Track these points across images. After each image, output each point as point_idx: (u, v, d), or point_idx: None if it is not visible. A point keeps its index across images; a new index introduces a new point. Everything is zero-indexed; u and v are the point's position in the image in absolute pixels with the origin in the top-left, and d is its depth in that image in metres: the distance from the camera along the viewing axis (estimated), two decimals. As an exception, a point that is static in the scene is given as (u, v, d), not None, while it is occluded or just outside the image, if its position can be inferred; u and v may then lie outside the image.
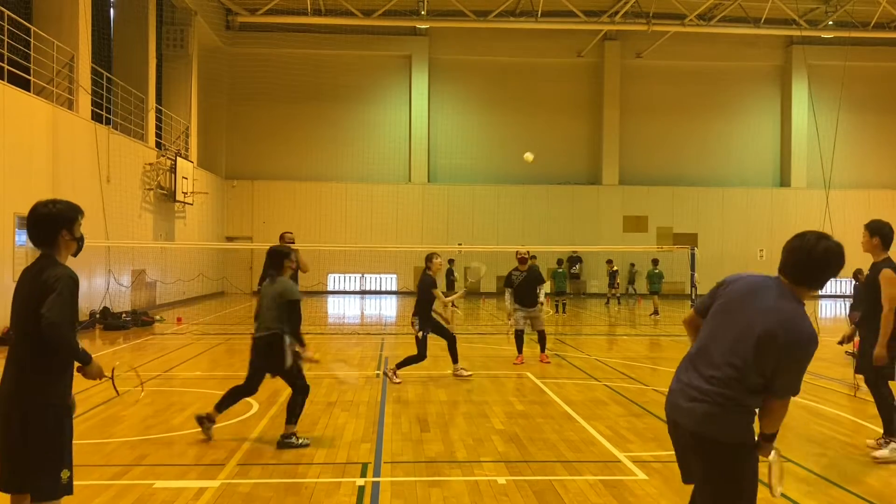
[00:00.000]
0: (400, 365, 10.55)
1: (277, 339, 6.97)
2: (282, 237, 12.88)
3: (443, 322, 11.01)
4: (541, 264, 30.36)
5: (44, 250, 4.09)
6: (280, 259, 7.30)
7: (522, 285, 12.24)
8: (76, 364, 4.05)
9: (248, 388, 7.27)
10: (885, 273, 6.72)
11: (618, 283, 28.11)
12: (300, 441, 6.97)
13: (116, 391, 4.50)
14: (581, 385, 10.54)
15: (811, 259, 3.47)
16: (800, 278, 3.51)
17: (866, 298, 7.05)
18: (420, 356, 10.50)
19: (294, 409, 7.00)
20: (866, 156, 33.51)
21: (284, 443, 6.92)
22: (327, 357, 12.49)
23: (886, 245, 6.90)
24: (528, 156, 12.48)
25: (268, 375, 7.23)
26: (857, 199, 32.54)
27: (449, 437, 7.45)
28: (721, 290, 3.64)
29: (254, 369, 7.21)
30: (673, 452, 3.74)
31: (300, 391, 7.04)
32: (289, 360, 6.94)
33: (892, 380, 6.93)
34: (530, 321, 12.34)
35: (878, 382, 6.89)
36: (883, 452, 6.79)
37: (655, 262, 23.67)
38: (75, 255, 4.21)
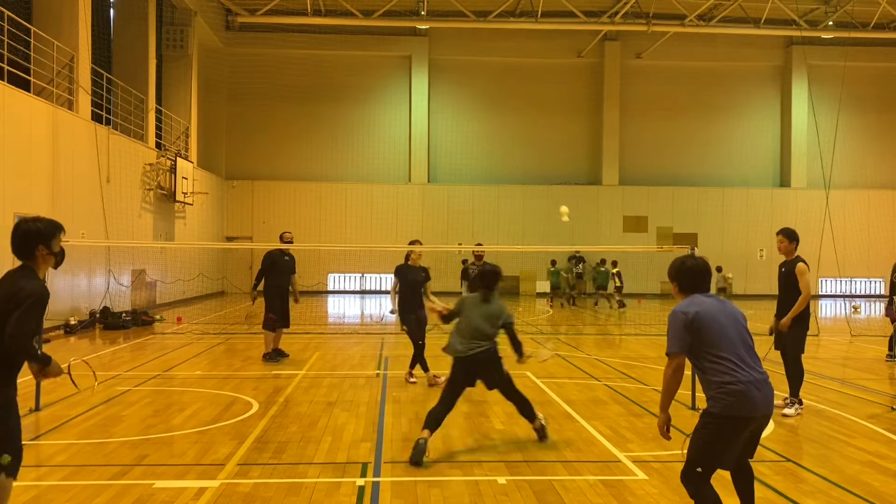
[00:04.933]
0: (412, 365, 10.61)
1: (496, 352, 7.23)
2: (281, 237, 12.97)
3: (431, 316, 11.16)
4: (541, 264, 30.55)
5: (24, 262, 4.42)
6: (496, 280, 7.45)
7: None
8: (35, 367, 4.31)
9: (450, 406, 7.06)
10: (800, 266, 8.69)
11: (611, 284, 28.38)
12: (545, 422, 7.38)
13: (75, 385, 4.88)
14: (581, 384, 10.54)
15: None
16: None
17: (785, 288, 8.77)
18: (416, 346, 10.46)
19: (530, 407, 7.30)
20: (866, 156, 33.47)
21: (545, 433, 7.24)
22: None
23: (797, 247, 9.02)
24: (564, 210, 13.39)
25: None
26: (857, 199, 32.57)
27: (449, 437, 7.44)
28: (693, 322, 4.48)
29: (461, 386, 7.20)
30: (672, 453, 3.74)
31: (520, 396, 7.33)
32: (504, 371, 7.29)
33: (802, 353, 8.70)
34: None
35: (796, 357, 8.71)
36: (790, 411, 8.53)
37: None
38: (55, 267, 4.53)
